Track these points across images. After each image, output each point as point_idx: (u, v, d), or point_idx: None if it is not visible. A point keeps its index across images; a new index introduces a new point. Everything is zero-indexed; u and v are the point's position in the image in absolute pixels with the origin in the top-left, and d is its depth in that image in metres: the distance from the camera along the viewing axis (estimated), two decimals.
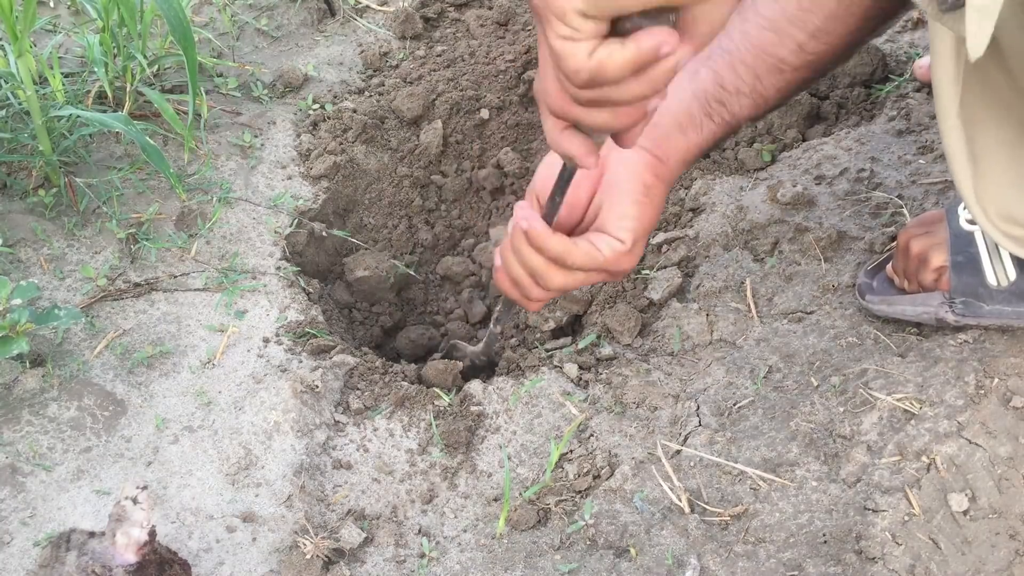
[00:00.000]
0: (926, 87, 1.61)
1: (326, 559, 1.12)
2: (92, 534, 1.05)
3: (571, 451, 1.25)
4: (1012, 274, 1.14)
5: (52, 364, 1.31)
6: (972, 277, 1.16)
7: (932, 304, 1.20)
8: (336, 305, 1.66)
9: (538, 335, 1.51)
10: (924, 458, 1.10)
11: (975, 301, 1.17)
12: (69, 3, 1.89)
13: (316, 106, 1.78)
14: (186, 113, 1.62)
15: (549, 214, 0.98)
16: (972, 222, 1.17)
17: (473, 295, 1.74)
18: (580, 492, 1.20)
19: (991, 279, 1.15)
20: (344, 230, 1.69)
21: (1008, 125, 0.99)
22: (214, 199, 1.56)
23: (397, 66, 1.89)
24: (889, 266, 1.27)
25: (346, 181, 1.72)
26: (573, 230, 1.00)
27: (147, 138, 1.46)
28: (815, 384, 1.23)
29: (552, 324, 1.49)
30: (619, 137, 0.79)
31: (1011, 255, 1.14)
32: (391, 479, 1.25)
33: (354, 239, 1.72)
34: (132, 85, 1.63)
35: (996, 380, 1.14)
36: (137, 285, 1.43)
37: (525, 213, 0.93)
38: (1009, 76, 0.95)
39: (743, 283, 1.39)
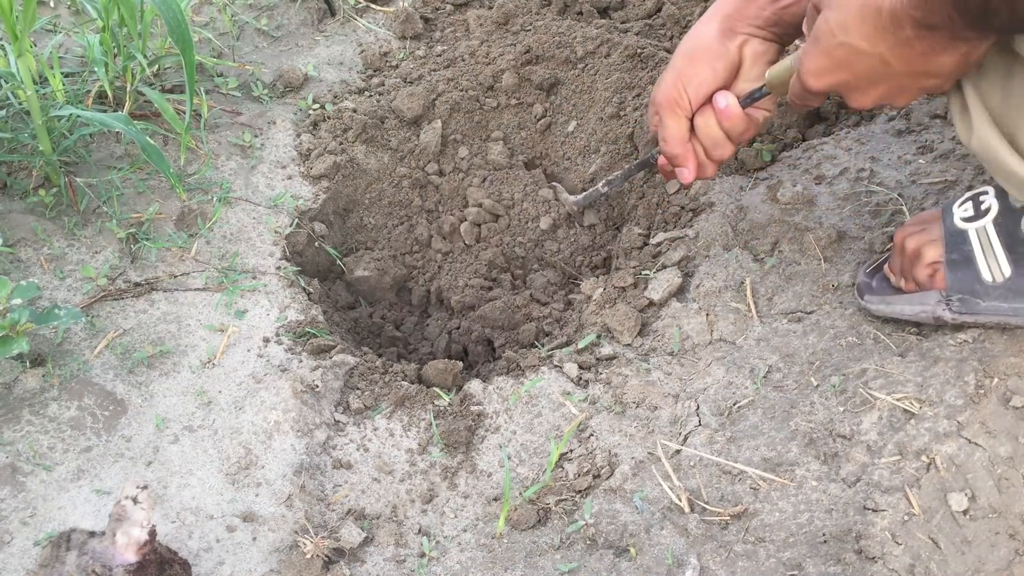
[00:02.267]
0: None
1: (326, 559, 1.12)
2: (92, 534, 1.05)
3: (571, 451, 1.25)
4: (1007, 270, 1.15)
5: (52, 364, 1.31)
6: (968, 274, 1.17)
7: (929, 302, 1.20)
8: (336, 305, 1.66)
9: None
10: (924, 458, 1.10)
11: (972, 298, 1.17)
12: (69, 3, 1.90)
13: (316, 106, 1.78)
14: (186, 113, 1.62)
15: (616, 180, 1.49)
16: (967, 220, 1.17)
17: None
18: (580, 492, 1.20)
19: (986, 275, 1.16)
20: (344, 230, 1.69)
21: None
22: (214, 199, 1.56)
23: (397, 66, 1.89)
24: (887, 265, 1.27)
25: (346, 181, 1.72)
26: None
27: (147, 138, 1.46)
28: (815, 384, 1.23)
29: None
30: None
31: (1005, 251, 1.14)
32: (391, 479, 1.25)
33: (352, 240, 1.72)
34: (132, 85, 1.63)
35: (996, 380, 1.14)
36: (137, 285, 1.43)
37: (725, 95, 1.18)
38: None
39: (743, 283, 1.39)
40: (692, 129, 1.23)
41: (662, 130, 1.23)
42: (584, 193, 1.57)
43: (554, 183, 1.77)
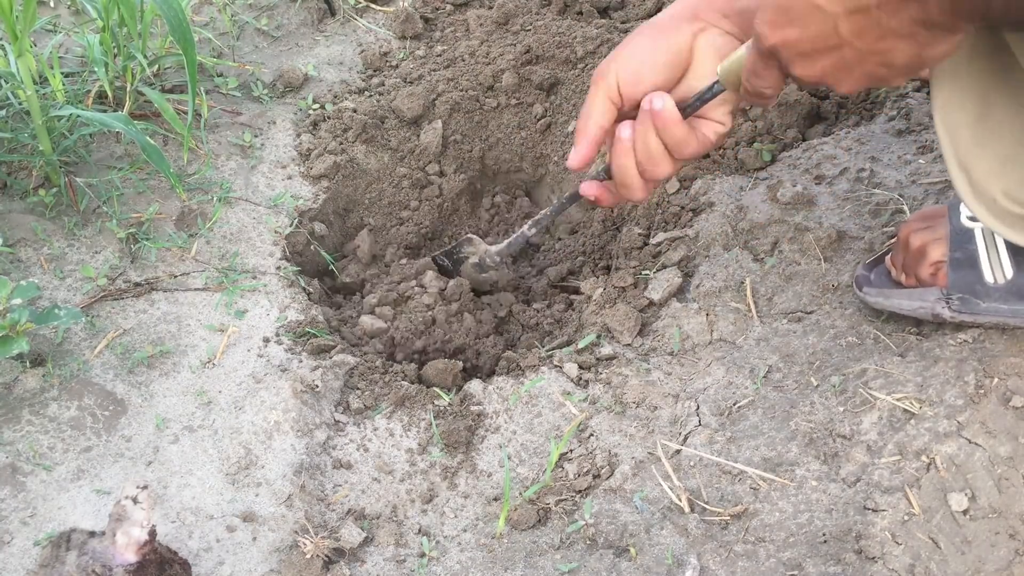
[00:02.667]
0: (926, 87, 1.61)
1: (326, 559, 1.12)
2: (92, 534, 1.05)
3: (571, 451, 1.25)
4: (1009, 272, 1.15)
5: (52, 364, 1.31)
6: (970, 274, 1.16)
7: (929, 299, 1.20)
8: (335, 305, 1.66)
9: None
10: (924, 458, 1.10)
11: (972, 298, 1.17)
12: (69, 3, 1.90)
13: (316, 106, 1.78)
14: (186, 113, 1.62)
15: (543, 219, 1.32)
16: (973, 219, 1.17)
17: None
18: (580, 492, 1.20)
19: (988, 276, 1.15)
20: (344, 230, 1.69)
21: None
22: (214, 199, 1.56)
23: (397, 66, 1.89)
24: (888, 258, 1.27)
25: (346, 181, 1.72)
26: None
27: (147, 138, 1.46)
28: (815, 384, 1.23)
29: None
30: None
31: (1009, 253, 1.14)
32: (391, 479, 1.25)
33: (352, 240, 1.72)
34: (132, 85, 1.63)
35: (996, 380, 1.14)
36: (137, 285, 1.43)
37: (661, 95, 1.01)
38: None
39: (743, 283, 1.39)
40: (632, 136, 1.07)
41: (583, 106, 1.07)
42: (507, 240, 1.42)
43: (469, 235, 1.55)
